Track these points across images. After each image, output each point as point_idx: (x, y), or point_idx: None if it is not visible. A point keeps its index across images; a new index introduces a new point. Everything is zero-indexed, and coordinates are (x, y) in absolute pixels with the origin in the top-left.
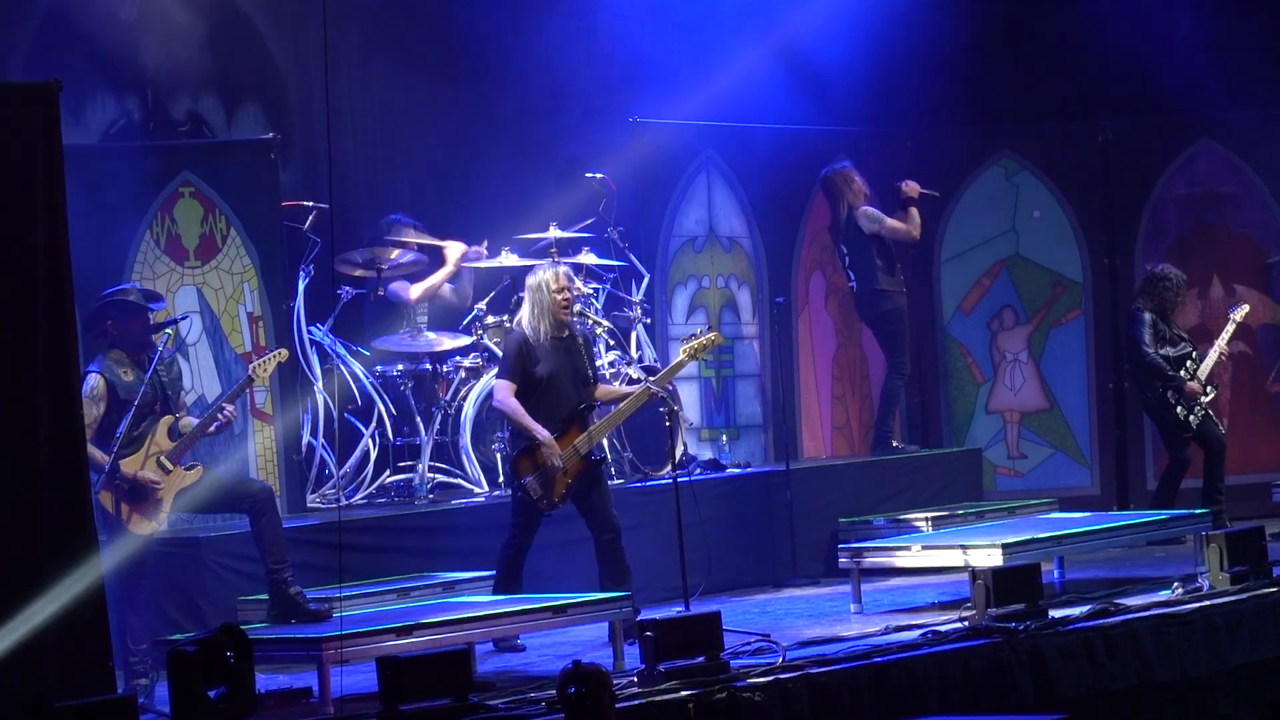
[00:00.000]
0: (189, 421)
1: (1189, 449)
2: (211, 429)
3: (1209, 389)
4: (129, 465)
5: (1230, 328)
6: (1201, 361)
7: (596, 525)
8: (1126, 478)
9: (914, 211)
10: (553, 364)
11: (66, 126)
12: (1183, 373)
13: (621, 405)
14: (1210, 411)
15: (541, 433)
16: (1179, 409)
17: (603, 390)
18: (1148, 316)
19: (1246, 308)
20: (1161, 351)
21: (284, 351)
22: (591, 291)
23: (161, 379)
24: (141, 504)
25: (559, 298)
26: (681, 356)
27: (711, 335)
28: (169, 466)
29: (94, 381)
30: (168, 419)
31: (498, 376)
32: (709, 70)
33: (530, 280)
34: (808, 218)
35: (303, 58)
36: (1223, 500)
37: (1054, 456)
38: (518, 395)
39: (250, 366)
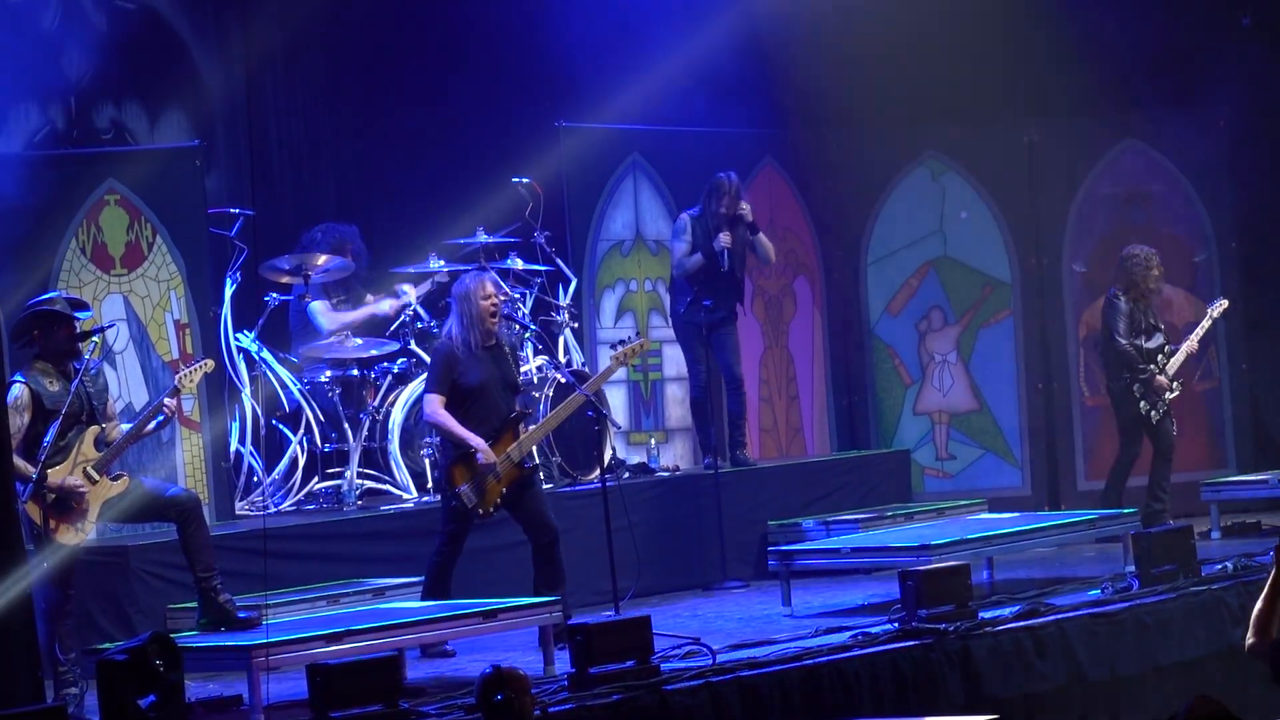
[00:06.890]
0: (119, 430)
1: (1140, 444)
2: (150, 428)
3: (1175, 385)
4: (55, 475)
5: (1206, 323)
6: (1172, 356)
7: (533, 530)
8: (1057, 478)
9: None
10: (481, 373)
11: None
12: (1153, 366)
13: (553, 413)
14: (1170, 409)
15: (477, 441)
16: (1143, 403)
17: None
18: (1123, 304)
19: (1224, 303)
20: (1135, 341)
21: (210, 362)
22: (518, 296)
23: (88, 389)
24: (67, 514)
25: (486, 304)
26: (611, 364)
27: (640, 342)
28: (95, 476)
29: (19, 391)
30: (94, 429)
31: (426, 390)
32: (634, 74)
33: (457, 290)
34: None
35: (226, 63)
36: (1167, 500)
37: (984, 457)
38: (447, 406)
39: (177, 376)
